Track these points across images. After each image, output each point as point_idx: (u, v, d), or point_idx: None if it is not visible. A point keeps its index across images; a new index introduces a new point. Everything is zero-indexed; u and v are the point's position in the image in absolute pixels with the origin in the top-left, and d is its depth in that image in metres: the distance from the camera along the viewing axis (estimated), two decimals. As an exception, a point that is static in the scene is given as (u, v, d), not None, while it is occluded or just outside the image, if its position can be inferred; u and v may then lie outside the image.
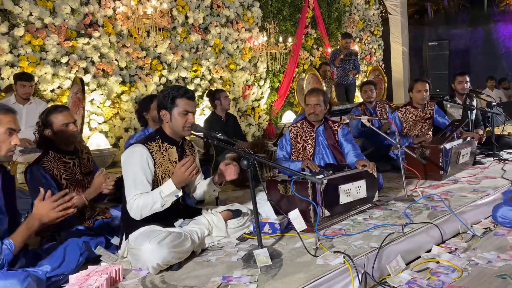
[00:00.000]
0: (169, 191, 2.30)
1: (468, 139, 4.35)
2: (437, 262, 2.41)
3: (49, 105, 5.32)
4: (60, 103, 5.52)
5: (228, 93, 7.51)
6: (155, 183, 2.42)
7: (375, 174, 3.10)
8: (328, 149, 3.48)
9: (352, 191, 2.90)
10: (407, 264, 2.41)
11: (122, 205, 2.49)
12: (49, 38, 5.47)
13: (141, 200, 2.30)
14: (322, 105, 3.45)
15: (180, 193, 2.35)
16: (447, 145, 3.95)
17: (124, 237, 2.44)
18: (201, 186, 2.72)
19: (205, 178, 2.79)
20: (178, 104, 2.43)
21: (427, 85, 4.58)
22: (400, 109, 4.77)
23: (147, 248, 2.17)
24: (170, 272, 2.20)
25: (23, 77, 4.57)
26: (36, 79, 5.38)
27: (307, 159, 3.47)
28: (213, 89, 6.42)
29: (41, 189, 1.98)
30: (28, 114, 4.60)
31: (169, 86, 2.55)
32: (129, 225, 2.39)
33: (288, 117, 8.43)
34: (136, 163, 2.36)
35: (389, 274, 2.27)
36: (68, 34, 5.66)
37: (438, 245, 2.64)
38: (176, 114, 2.44)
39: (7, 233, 1.95)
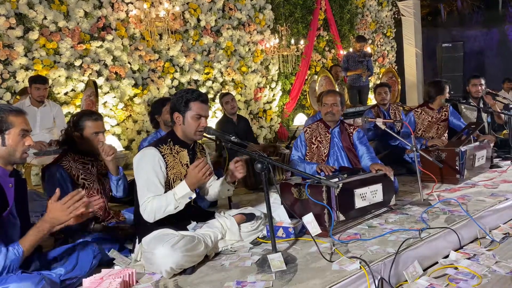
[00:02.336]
0: (182, 193, 2.29)
1: (485, 141, 4.27)
2: (456, 268, 2.36)
3: (63, 108, 5.37)
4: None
5: (239, 96, 7.54)
6: (167, 186, 2.41)
7: (392, 177, 3.05)
8: (343, 152, 3.45)
9: (368, 195, 2.86)
10: (424, 270, 2.36)
11: (135, 209, 2.49)
12: (63, 41, 5.52)
13: (155, 202, 2.29)
14: (339, 105, 3.44)
15: (194, 195, 2.33)
16: (463, 148, 3.88)
17: (137, 240, 2.43)
18: (214, 187, 2.70)
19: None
20: (192, 108, 2.42)
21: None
22: (415, 109, 4.70)
23: (160, 252, 2.16)
24: (183, 276, 2.19)
25: (38, 80, 4.61)
26: (50, 82, 5.43)
27: (322, 160, 3.44)
28: (224, 91, 6.43)
29: (57, 190, 1.93)
30: (42, 116, 4.64)
31: (183, 89, 2.54)
32: (142, 228, 2.38)
33: (300, 119, 8.39)
34: (148, 166, 2.36)
35: (406, 280, 2.23)
36: (81, 37, 5.71)
37: (456, 250, 2.58)
38: (189, 117, 2.43)
39: (18, 238, 1.92)
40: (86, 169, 2.69)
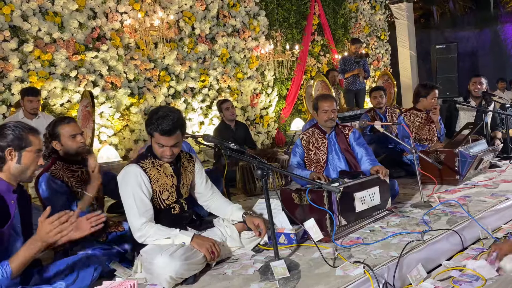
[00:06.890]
0: (181, 241, 2.27)
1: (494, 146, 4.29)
2: (460, 270, 2.34)
3: (59, 119, 5.33)
4: (68, 116, 5.51)
5: (235, 102, 7.54)
6: (154, 198, 2.41)
7: (387, 180, 3.04)
8: (341, 154, 3.40)
9: (366, 198, 2.84)
10: (428, 272, 2.34)
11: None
12: (57, 52, 5.50)
13: (152, 232, 2.28)
14: (336, 110, 3.43)
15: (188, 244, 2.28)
16: (463, 149, 3.88)
17: (135, 252, 2.40)
18: (220, 207, 2.69)
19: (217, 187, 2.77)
20: (154, 136, 2.39)
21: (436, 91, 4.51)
22: (404, 113, 4.70)
23: (159, 261, 2.14)
24: (185, 286, 2.16)
25: (30, 92, 4.57)
26: (45, 93, 5.41)
27: (320, 166, 3.41)
28: (222, 98, 6.42)
29: (48, 208, 1.84)
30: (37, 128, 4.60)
31: (156, 111, 2.39)
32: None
33: (297, 124, 8.38)
34: (131, 183, 2.36)
35: (411, 284, 2.21)
36: (76, 48, 5.69)
37: (459, 252, 2.57)
38: (153, 142, 2.42)
39: None
40: (76, 176, 2.66)
